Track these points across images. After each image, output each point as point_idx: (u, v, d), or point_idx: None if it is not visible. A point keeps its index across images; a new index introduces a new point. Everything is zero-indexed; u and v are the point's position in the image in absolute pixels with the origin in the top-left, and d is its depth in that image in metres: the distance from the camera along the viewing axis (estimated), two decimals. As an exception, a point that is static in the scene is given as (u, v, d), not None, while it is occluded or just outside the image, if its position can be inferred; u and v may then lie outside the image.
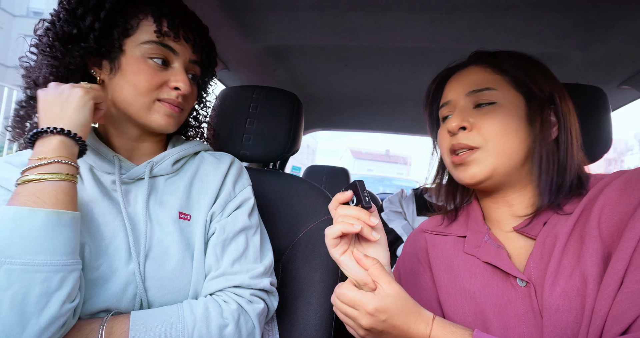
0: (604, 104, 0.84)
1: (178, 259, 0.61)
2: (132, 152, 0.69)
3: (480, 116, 0.57)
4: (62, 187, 0.50)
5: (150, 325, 0.54)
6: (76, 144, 0.54)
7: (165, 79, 0.64)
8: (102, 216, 0.60)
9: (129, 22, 0.61)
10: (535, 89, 0.57)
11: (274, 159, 0.97)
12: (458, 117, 0.59)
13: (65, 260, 0.48)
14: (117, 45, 0.60)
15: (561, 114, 0.57)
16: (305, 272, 0.82)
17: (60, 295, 0.46)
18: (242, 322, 0.60)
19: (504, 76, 0.59)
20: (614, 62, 1.07)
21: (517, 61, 0.60)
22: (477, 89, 0.59)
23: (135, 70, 0.61)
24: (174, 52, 0.64)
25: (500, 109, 0.57)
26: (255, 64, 1.33)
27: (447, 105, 0.63)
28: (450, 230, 0.67)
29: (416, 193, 1.34)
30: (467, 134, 0.57)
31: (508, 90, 0.58)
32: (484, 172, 0.56)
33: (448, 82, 0.65)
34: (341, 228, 0.51)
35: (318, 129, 2.26)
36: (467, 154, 0.57)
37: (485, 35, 1.00)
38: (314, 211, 0.88)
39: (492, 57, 0.61)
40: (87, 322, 0.53)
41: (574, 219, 0.51)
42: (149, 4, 0.62)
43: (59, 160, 0.51)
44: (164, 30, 0.62)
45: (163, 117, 0.65)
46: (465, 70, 0.63)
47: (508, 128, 0.56)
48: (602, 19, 0.88)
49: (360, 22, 1.00)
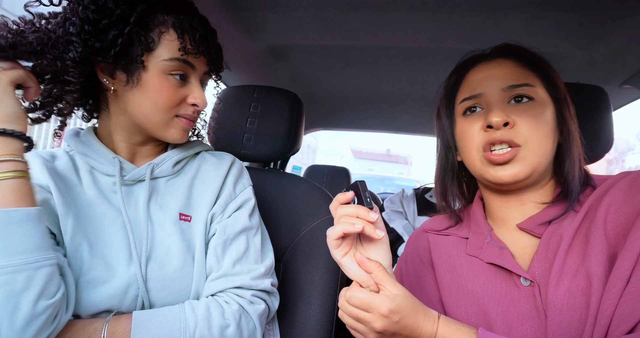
0: (605, 104, 0.83)
1: (179, 260, 0.61)
2: (134, 155, 0.69)
3: (519, 113, 0.55)
4: (9, 185, 0.48)
5: (152, 325, 0.54)
6: (17, 139, 0.51)
7: (184, 95, 0.64)
8: (101, 217, 0.60)
9: (149, 35, 0.59)
10: (561, 88, 0.58)
11: (274, 159, 0.97)
12: (500, 111, 0.55)
13: (26, 258, 0.46)
14: (139, 61, 0.58)
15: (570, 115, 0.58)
16: (306, 272, 0.82)
17: (30, 294, 0.45)
18: (244, 322, 0.60)
19: (537, 73, 0.58)
20: (615, 61, 1.07)
21: (542, 59, 0.60)
22: (516, 84, 0.56)
23: (157, 87, 0.60)
24: (192, 67, 0.63)
25: (537, 107, 0.55)
26: (256, 63, 1.33)
27: (475, 98, 0.59)
28: (452, 231, 0.67)
29: (417, 193, 1.34)
30: (510, 130, 0.54)
31: (541, 88, 0.57)
32: (526, 171, 0.54)
33: (471, 74, 0.62)
34: (342, 229, 0.50)
35: (319, 128, 2.26)
36: (512, 152, 0.54)
37: (486, 35, 1.00)
38: (314, 211, 0.88)
39: (521, 52, 0.60)
40: (90, 321, 0.53)
41: (579, 219, 0.51)
42: (168, 14, 0.60)
43: (1, 159, 0.49)
44: (187, 47, 0.61)
45: (179, 132, 0.65)
46: (492, 62, 0.60)
47: (546, 127, 0.55)
48: (603, 18, 0.88)
49: (361, 21, 1.00)
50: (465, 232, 0.65)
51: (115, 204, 0.63)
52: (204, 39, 0.63)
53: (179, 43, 0.60)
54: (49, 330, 0.47)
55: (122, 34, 0.56)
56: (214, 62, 0.68)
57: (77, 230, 0.57)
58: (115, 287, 0.56)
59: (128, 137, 0.67)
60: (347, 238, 0.54)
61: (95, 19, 0.54)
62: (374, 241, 0.55)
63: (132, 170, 0.65)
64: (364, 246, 0.55)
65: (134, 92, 0.60)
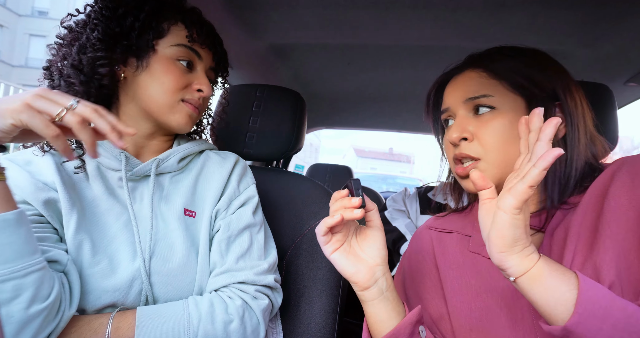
0: (610, 102, 0.83)
1: (183, 255, 0.62)
2: (140, 150, 0.70)
3: (480, 125, 0.56)
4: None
5: (157, 320, 0.55)
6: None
7: (189, 81, 0.67)
8: (107, 212, 0.61)
9: (160, 25, 0.65)
10: (535, 90, 0.56)
11: (277, 157, 0.97)
12: (458, 127, 0.58)
13: (10, 267, 0.44)
14: (150, 45, 0.64)
15: (567, 109, 0.55)
16: (308, 269, 0.82)
17: (21, 302, 0.45)
18: (247, 317, 0.60)
19: (500, 81, 0.57)
20: (620, 59, 1.06)
21: (513, 61, 0.58)
22: (473, 96, 0.58)
23: (164, 69, 0.64)
24: (199, 56, 0.68)
25: (499, 117, 0.55)
26: (259, 62, 1.33)
27: (447, 111, 0.63)
28: (456, 228, 0.67)
29: (420, 191, 1.34)
30: (469, 144, 0.57)
31: (506, 95, 0.56)
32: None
33: (447, 87, 0.64)
34: (325, 223, 0.51)
35: (321, 127, 2.26)
36: (470, 166, 0.57)
37: (490, 33, 0.99)
38: (317, 209, 0.88)
39: (487, 61, 0.60)
40: (95, 317, 0.54)
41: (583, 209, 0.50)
42: (178, 13, 0.67)
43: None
44: (194, 36, 0.67)
45: (184, 117, 0.67)
46: (462, 75, 0.62)
47: (508, 136, 0.54)
48: (608, 15, 0.88)
49: (364, 20, 1.00)
50: (469, 230, 0.65)
51: (121, 199, 0.63)
52: (209, 35, 0.69)
53: (186, 32, 0.66)
54: (50, 327, 0.48)
55: (138, 19, 0.62)
56: (219, 60, 0.73)
57: (81, 226, 0.58)
58: (120, 281, 0.56)
59: (136, 128, 0.68)
60: (337, 234, 0.54)
61: (113, 7, 0.62)
62: (368, 237, 0.55)
63: (137, 166, 0.66)
64: (359, 242, 0.56)
65: (143, 76, 0.64)
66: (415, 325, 0.55)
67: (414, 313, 0.54)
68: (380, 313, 0.55)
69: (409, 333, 0.54)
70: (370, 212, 0.56)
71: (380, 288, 0.55)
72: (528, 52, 0.60)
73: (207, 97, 0.72)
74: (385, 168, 35.02)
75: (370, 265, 0.54)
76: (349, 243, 0.56)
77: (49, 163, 0.61)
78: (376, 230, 0.56)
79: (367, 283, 0.54)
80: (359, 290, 0.55)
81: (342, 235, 0.55)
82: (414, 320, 0.54)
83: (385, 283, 0.55)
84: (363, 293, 0.55)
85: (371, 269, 0.54)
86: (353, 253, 0.55)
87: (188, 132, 0.72)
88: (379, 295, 0.55)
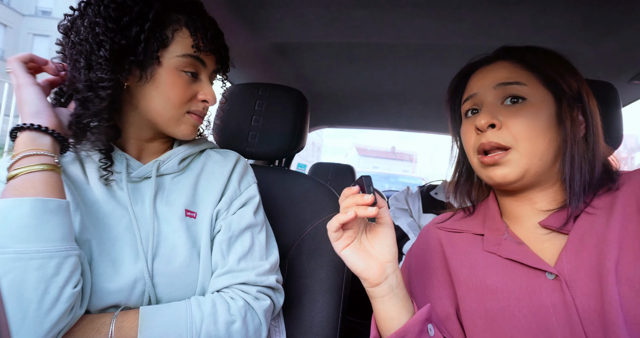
0: (615, 100, 0.82)
1: (185, 256, 0.62)
2: (141, 151, 0.70)
3: (509, 114, 0.56)
4: (38, 177, 0.51)
5: (159, 320, 0.55)
6: (44, 134, 0.54)
7: (195, 92, 0.66)
8: (109, 214, 0.61)
9: (164, 32, 0.61)
10: (565, 87, 0.56)
11: (279, 156, 0.97)
12: (487, 113, 0.56)
13: (58, 246, 0.49)
14: (155, 57, 0.60)
15: (588, 111, 0.57)
16: (311, 269, 0.82)
17: (59, 280, 0.48)
18: (249, 318, 0.60)
19: (534, 73, 0.57)
20: (624, 57, 1.05)
21: (545, 58, 0.59)
22: (506, 82, 0.57)
23: (170, 82, 0.62)
24: (203, 64, 0.66)
25: (530, 107, 0.55)
26: (261, 61, 1.33)
27: (472, 98, 0.61)
28: (465, 227, 0.67)
29: (422, 190, 1.34)
30: (497, 133, 0.55)
31: (538, 88, 0.56)
32: (517, 173, 0.55)
33: (472, 77, 0.63)
34: (337, 219, 0.51)
35: (323, 126, 2.25)
36: (500, 155, 0.55)
37: (493, 31, 0.99)
38: (319, 208, 0.88)
39: (520, 53, 0.60)
40: (98, 316, 0.54)
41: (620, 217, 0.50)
42: (180, 13, 0.63)
43: (29, 153, 0.52)
44: (200, 45, 0.63)
45: (189, 128, 0.67)
46: (492, 65, 0.61)
47: (539, 128, 0.54)
48: (612, 13, 0.87)
49: (366, 18, 1.00)
50: (479, 229, 0.65)
51: (122, 201, 0.63)
52: (214, 38, 0.66)
53: (192, 40, 0.62)
54: (66, 321, 0.49)
55: (143, 30, 0.58)
56: (222, 61, 0.71)
57: (85, 227, 0.58)
58: (123, 282, 0.57)
59: (137, 134, 0.68)
60: (348, 230, 0.54)
61: (117, 17, 0.57)
62: (378, 234, 0.55)
63: (138, 167, 0.66)
64: (369, 239, 0.56)
65: (147, 88, 0.62)
66: (425, 323, 0.55)
67: (423, 311, 0.54)
68: (389, 310, 0.55)
69: (418, 331, 0.53)
70: (381, 209, 0.56)
71: (391, 285, 0.54)
72: (553, 53, 0.60)
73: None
74: (388, 167, 34.95)
75: (381, 261, 0.54)
76: (360, 240, 0.56)
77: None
78: (386, 227, 0.55)
79: (378, 279, 0.54)
80: (369, 287, 0.55)
81: (353, 232, 0.55)
82: (424, 318, 0.54)
83: (396, 280, 0.55)
84: (373, 290, 0.55)
85: (382, 266, 0.54)
86: (364, 249, 0.55)
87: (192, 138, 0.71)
88: (389, 292, 0.54)
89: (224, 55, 0.70)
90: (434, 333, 0.56)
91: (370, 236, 0.56)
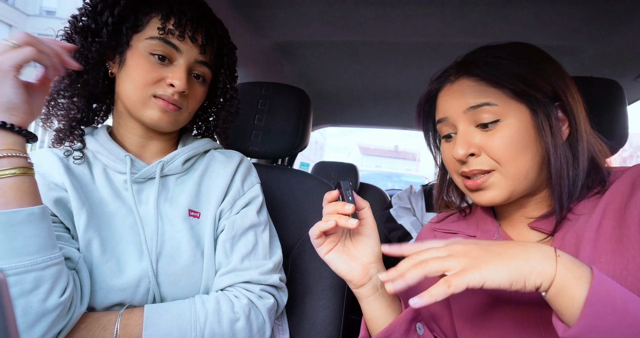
0: (620, 98, 0.81)
1: (189, 255, 0.62)
2: (143, 151, 0.70)
3: (486, 138, 0.53)
4: (8, 183, 0.45)
5: (164, 318, 0.55)
6: (11, 134, 0.47)
7: (163, 75, 0.63)
8: (113, 214, 0.61)
9: (140, 19, 0.62)
10: (537, 95, 0.52)
11: (282, 155, 0.98)
12: (463, 143, 0.54)
13: (33, 259, 0.45)
14: (125, 41, 0.62)
15: (569, 109, 0.53)
16: (314, 267, 0.82)
17: (39, 294, 0.46)
18: (253, 316, 0.60)
19: (501, 89, 0.53)
20: (630, 54, 1.04)
21: (509, 65, 0.54)
22: (475, 105, 0.53)
23: (135, 64, 0.62)
24: (177, 49, 0.63)
25: (506, 128, 0.52)
26: (264, 60, 1.33)
27: (445, 122, 0.58)
28: (460, 229, 0.67)
29: (425, 189, 1.33)
30: (477, 159, 0.54)
31: (509, 103, 0.52)
32: (503, 195, 0.53)
33: (440, 96, 0.60)
34: (318, 228, 0.52)
35: (326, 125, 2.25)
36: (483, 179, 0.53)
37: (497, 29, 0.98)
38: (322, 207, 0.88)
39: (482, 68, 0.55)
40: (103, 314, 0.55)
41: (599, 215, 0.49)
42: (165, 2, 0.62)
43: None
44: (168, 28, 0.62)
45: (156, 113, 0.63)
46: (456, 83, 0.57)
47: (519, 147, 0.52)
48: (617, 10, 0.86)
49: (369, 16, 0.99)
50: (472, 230, 0.64)
51: (127, 201, 0.64)
52: (193, 24, 0.63)
53: (160, 23, 0.62)
54: (62, 323, 0.49)
55: (112, 14, 0.60)
56: (210, 51, 0.67)
57: (90, 226, 0.59)
58: (128, 280, 0.57)
59: (129, 129, 0.68)
60: (331, 235, 0.56)
61: (94, 4, 0.61)
62: (361, 235, 0.57)
63: (142, 168, 0.66)
64: (352, 241, 0.57)
65: (122, 73, 0.64)
66: (411, 323, 0.55)
67: (408, 311, 0.55)
68: (375, 310, 0.56)
69: (404, 331, 0.54)
70: (363, 210, 0.56)
71: (375, 286, 0.56)
72: (518, 49, 0.56)
73: (188, 93, 0.66)
74: (391, 166, 34.90)
75: (364, 263, 0.56)
76: (343, 243, 0.57)
77: (58, 165, 0.62)
78: (369, 228, 0.56)
79: (361, 281, 0.55)
80: (354, 288, 0.57)
81: (335, 236, 0.56)
82: (409, 317, 0.55)
83: (380, 280, 0.55)
84: (358, 291, 0.56)
85: (365, 267, 0.55)
86: (347, 252, 0.57)
87: (169, 130, 0.68)
88: (373, 293, 0.56)
89: (211, 45, 0.67)
90: (424, 332, 0.57)
91: (354, 238, 0.57)
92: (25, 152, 0.48)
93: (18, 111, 0.47)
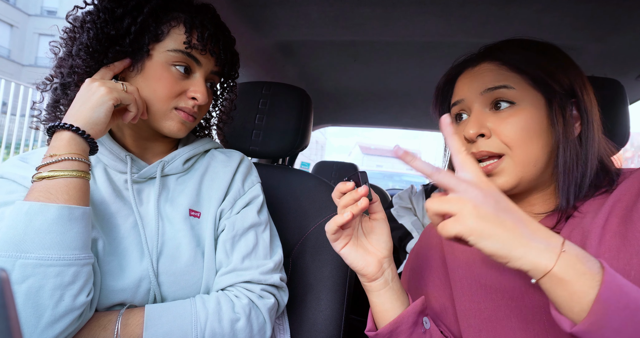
0: (621, 97, 0.81)
1: (189, 255, 0.62)
2: (145, 151, 0.70)
3: (499, 121, 0.54)
4: (73, 183, 0.51)
5: (164, 318, 0.55)
6: (85, 142, 0.55)
7: (184, 88, 0.64)
8: (115, 214, 0.61)
9: (160, 27, 0.61)
10: (555, 86, 0.53)
11: (283, 155, 0.98)
12: (475, 122, 0.54)
13: (77, 254, 0.49)
14: (145, 49, 0.61)
15: (583, 107, 0.54)
16: (314, 267, 0.82)
17: (74, 289, 0.48)
18: (254, 316, 0.60)
19: (520, 74, 0.54)
20: (631, 53, 1.04)
21: (531, 55, 0.56)
22: (493, 87, 0.54)
23: (158, 76, 0.62)
24: (197, 62, 0.64)
25: (520, 112, 0.53)
26: (265, 59, 1.32)
27: (460, 103, 0.59)
28: None
29: (426, 189, 1.33)
30: (487, 141, 0.54)
31: (527, 90, 0.54)
32: (512, 182, 0.53)
33: (459, 80, 0.62)
34: (335, 222, 0.52)
35: (327, 124, 2.25)
36: (494, 165, 0.53)
37: (497, 28, 0.98)
38: (323, 207, 0.88)
39: (505, 53, 0.57)
40: (104, 314, 0.55)
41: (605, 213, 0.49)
42: (183, 12, 0.63)
43: (70, 157, 0.52)
44: (193, 42, 0.62)
45: (176, 124, 0.65)
46: (477, 67, 0.59)
47: (531, 133, 0.52)
48: (618, 9, 0.86)
49: (370, 16, 0.99)
50: None
51: (128, 201, 0.64)
52: (213, 38, 0.65)
53: (185, 37, 0.62)
54: (75, 325, 0.49)
55: (135, 23, 0.59)
56: (224, 64, 0.70)
57: (92, 226, 0.59)
58: (129, 280, 0.57)
59: (136, 131, 0.68)
60: (346, 229, 0.56)
61: (111, 8, 0.59)
62: (374, 229, 0.57)
63: (143, 168, 0.66)
64: (365, 235, 0.58)
65: (137, 79, 0.63)
66: (419, 315, 0.56)
67: (417, 304, 0.56)
68: (385, 303, 0.57)
69: (412, 323, 0.55)
70: (374, 204, 0.57)
71: (387, 279, 0.56)
72: (543, 45, 0.57)
73: (205, 105, 0.69)
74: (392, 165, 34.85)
75: (378, 257, 0.56)
76: (357, 237, 0.57)
77: None
78: (381, 222, 0.57)
79: (376, 275, 0.56)
80: (367, 282, 0.57)
81: (350, 230, 0.56)
82: (417, 310, 0.56)
83: (391, 273, 0.57)
84: (370, 284, 0.57)
85: (379, 261, 0.56)
86: (361, 246, 0.57)
87: (183, 137, 0.70)
88: (385, 286, 0.56)
89: (224, 56, 0.68)
90: (430, 326, 0.58)
91: (367, 232, 0.58)
92: (88, 159, 0.55)
93: (99, 129, 0.56)
